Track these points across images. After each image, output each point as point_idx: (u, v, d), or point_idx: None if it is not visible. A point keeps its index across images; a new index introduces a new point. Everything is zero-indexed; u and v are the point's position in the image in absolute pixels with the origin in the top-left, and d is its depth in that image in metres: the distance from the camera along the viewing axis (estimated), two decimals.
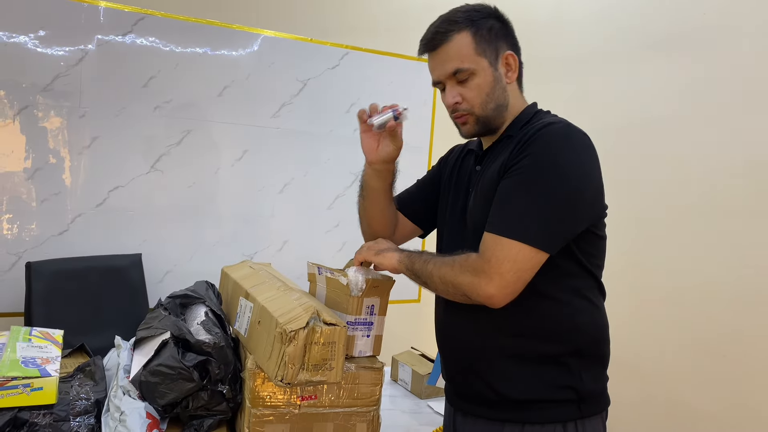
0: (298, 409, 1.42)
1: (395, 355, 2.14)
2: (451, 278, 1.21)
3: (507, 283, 1.13)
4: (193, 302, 1.64)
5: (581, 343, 1.22)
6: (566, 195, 1.14)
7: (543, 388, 1.21)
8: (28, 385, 1.33)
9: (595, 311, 1.26)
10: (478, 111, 1.29)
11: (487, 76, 1.27)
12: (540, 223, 1.13)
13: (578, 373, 1.21)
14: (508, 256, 1.13)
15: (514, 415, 1.23)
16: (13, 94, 2.40)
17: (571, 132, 1.19)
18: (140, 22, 2.58)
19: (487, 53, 1.27)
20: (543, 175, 1.14)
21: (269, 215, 2.92)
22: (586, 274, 1.23)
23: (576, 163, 1.16)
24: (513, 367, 1.23)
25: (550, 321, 1.21)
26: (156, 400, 1.40)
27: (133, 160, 2.62)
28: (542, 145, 1.16)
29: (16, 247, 2.46)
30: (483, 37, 1.27)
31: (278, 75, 2.87)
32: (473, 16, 1.28)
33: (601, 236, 1.25)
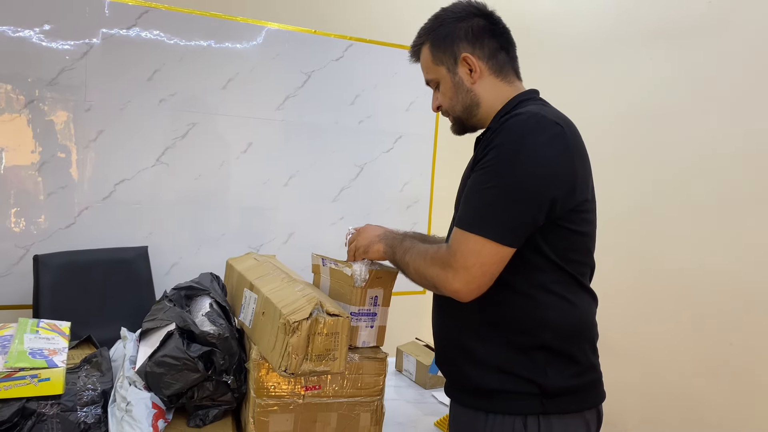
0: (302, 399, 1.43)
1: (400, 345, 2.15)
2: (422, 270, 1.23)
3: (472, 278, 1.14)
4: (198, 294, 1.65)
5: (547, 338, 1.20)
6: (526, 188, 1.12)
7: (506, 378, 1.21)
8: (36, 376, 1.34)
9: (567, 307, 1.21)
10: (452, 112, 1.36)
11: (447, 82, 1.32)
12: (501, 218, 1.13)
13: (543, 368, 1.19)
14: (473, 251, 1.14)
15: (481, 403, 1.25)
16: (19, 88, 2.42)
17: (536, 122, 1.15)
18: (144, 15, 2.59)
19: (444, 60, 1.32)
20: (503, 168, 1.14)
21: (274, 208, 2.93)
22: (556, 269, 1.20)
23: (538, 154, 1.13)
24: (481, 356, 1.24)
25: (517, 313, 1.21)
26: (161, 391, 1.41)
27: (138, 153, 2.64)
28: (503, 138, 1.15)
29: (24, 240, 2.48)
30: (438, 46, 1.32)
31: (282, 67, 2.87)
32: (434, 26, 1.34)
33: (577, 231, 1.20)
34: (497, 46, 1.31)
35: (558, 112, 1.24)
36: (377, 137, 3.14)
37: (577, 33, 2.72)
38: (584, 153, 1.23)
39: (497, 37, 1.31)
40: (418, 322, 2.97)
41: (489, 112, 1.31)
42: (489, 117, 1.32)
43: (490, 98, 1.31)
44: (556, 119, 1.18)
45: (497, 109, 1.30)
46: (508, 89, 1.32)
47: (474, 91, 1.31)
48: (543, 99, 1.32)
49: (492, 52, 1.30)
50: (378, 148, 3.15)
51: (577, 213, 1.19)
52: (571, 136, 1.18)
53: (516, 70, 1.35)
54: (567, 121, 1.21)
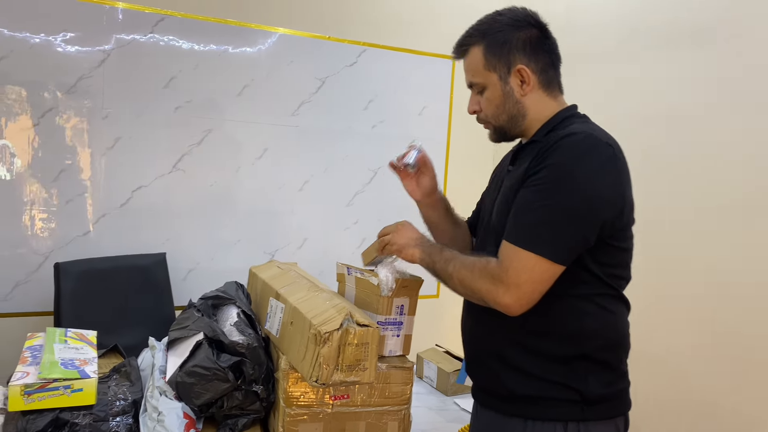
0: (331, 408, 1.44)
1: (420, 352, 2.16)
2: (469, 283, 1.23)
3: (523, 294, 1.16)
4: (225, 303, 1.67)
5: (589, 347, 1.22)
6: (580, 209, 1.15)
7: (547, 385, 1.22)
8: (69, 387, 1.36)
9: (609, 318, 1.25)
10: (492, 121, 1.34)
11: (496, 90, 1.30)
12: (555, 237, 1.15)
13: (584, 375, 1.22)
14: (526, 268, 1.15)
15: (518, 409, 1.26)
16: (38, 95, 2.44)
17: (592, 143, 1.17)
18: (160, 23, 2.60)
19: (498, 68, 1.29)
20: (559, 187, 1.15)
21: (289, 213, 2.94)
22: (599, 282, 1.22)
23: (593, 175, 1.16)
24: (521, 363, 1.25)
25: (560, 323, 1.22)
26: (192, 401, 1.43)
27: (155, 160, 2.65)
28: (560, 157, 1.17)
29: (42, 247, 2.50)
30: (494, 52, 1.29)
31: (297, 73, 2.89)
32: (491, 29, 1.30)
33: (622, 248, 1.24)
34: (549, 61, 1.32)
35: (604, 131, 1.25)
36: (390, 142, 3.15)
37: (591, 35, 2.73)
38: (629, 172, 1.24)
39: (549, 52, 1.32)
40: (434, 327, 2.98)
41: (532, 124, 1.32)
42: (530, 129, 1.32)
43: (536, 111, 1.31)
44: (608, 141, 1.20)
45: (540, 121, 1.31)
46: (552, 104, 1.33)
47: (522, 103, 1.30)
48: (585, 115, 1.33)
49: (544, 66, 1.31)
50: (391, 152, 3.10)
51: (623, 231, 1.23)
52: (620, 156, 1.21)
53: (560, 83, 1.36)
54: (615, 141, 1.23)
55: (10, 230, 2.44)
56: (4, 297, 2.44)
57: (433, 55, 3.21)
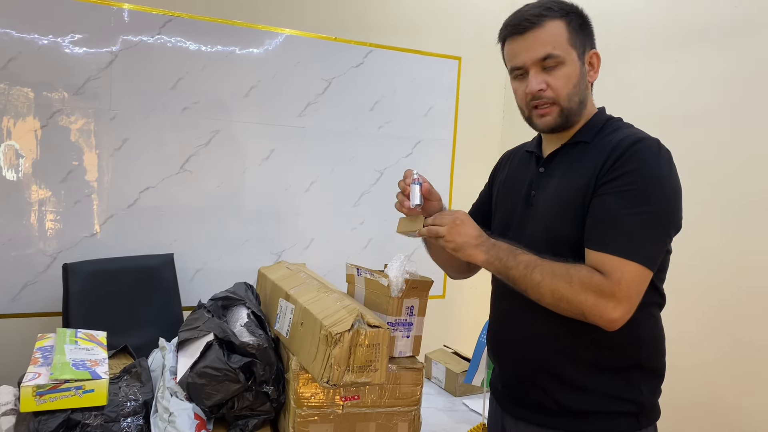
0: (341, 409, 1.44)
1: (428, 353, 2.16)
2: (568, 295, 1.12)
3: (632, 307, 1.12)
4: (234, 304, 1.67)
5: (642, 356, 1.22)
6: (669, 215, 1.16)
7: (604, 399, 1.20)
8: (80, 388, 1.36)
9: (655, 324, 1.26)
10: (563, 102, 1.23)
11: (575, 68, 1.23)
12: (654, 245, 1.15)
13: (638, 385, 1.21)
14: (637, 280, 1.12)
15: (571, 425, 1.22)
16: (46, 97, 2.44)
17: (663, 149, 1.18)
18: (168, 24, 2.61)
19: (578, 46, 1.24)
20: (649, 194, 1.14)
21: (296, 214, 2.95)
22: (652, 288, 1.19)
23: (674, 181, 1.17)
24: (574, 378, 1.21)
25: (613, 335, 1.16)
26: (203, 401, 1.43)
27: (162, 161, 2.65)
28: (641, 162, 1.15)
29: (50, 248, 2.50)
30: (575, 29, 1.24)
31: (303, 74, 2.89)
32: (567, 8, 1.25)
33: (669, 251, 1.24)
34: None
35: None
36: (396, 142, 3.15)
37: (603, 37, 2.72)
38: None
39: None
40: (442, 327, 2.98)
41: (583, 117, 1.28)
42: (578, 123, 1.28)
43: (588, 104, 1.29)
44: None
45: (586, 118, 1.28)
46: (593, 102, 1.32)
47: (589, 89, 1.29)
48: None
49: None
50: (397, 153, 3.16)
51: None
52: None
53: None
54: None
55: (19, 231, 2.45)
56: (13, 298, 2.45)
57: (439, 56, 3.21)
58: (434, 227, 1.27)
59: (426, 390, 2.02)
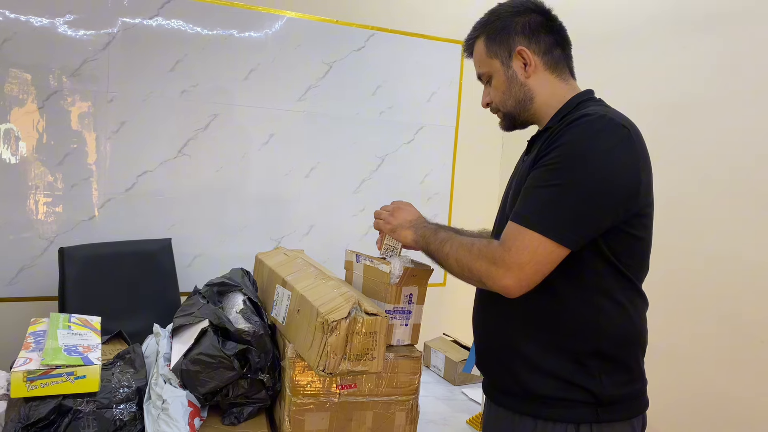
0: (338, 398, 1.42)
1: (427, 341, 2.13)
2: (467, 262, 1.19)
3: (525, 275, 1.11)
4: (230, 290, 1.64)
5: (603, 345, 1.17)
6: (590, 189, 1.10)
7: (561, 385, 1.18)
8: (72, 374, 1.34)
9: (624, 313, 1.19)
10: (502, 108, 1.33)
11: (500, 76, 1.31)
12: (562, 217, 1.10)
13: (598, 376, 1.17)
14: (529, 248, 1.11)
15: (530, 408, 1.22)
16: (42, 79, 2.41)
17: (606, 124, 1.13)
18: (166, 5, 2.56)
19: (499, 53, 1.30)
20: (569, 168, 1.11)
21: (296, 199, 2.92)
22: (616, 274, 1.17)
23: (605, 157, 1.11)
24: (535, 361, 1.21)
25: (573, 319, 1.18)
26: (197, 389, 1.40)
27: (160, 145, 2.62)
28: (571, 137, 1.13)
29: (47, 231, 2.48)
30: (493, 39, 1.30)
31: (304, 58, 2.84)
32: (489, 19, 1.33)
33: (637, 236, 1.18)
34: (553, 42, 1.29)
35: (621, 114, 1.21)
36: (398, 128, 3.11)
37: (609, 22, 2.67)
38: (648, 156, 1.19)
39: (553, 33, 1.30)
40: (441, 315, 2.96)
41: (542, 108, 1.29)
42: (543, 114, 1.30)
43: (544, 94, 1.29)
44: (623, 122, 1.15)
45: (553, 106, 1.28)
46: (563, 87, 1.30)
47: (527, 85, 1.29)
48: (601, 99, 1.29)
49: (548, 47, 1.29)
50: (399, 139, 3.12)
51: (639, 218, 1.17)
52: (636, 139, 1.16)
53: (571, 68, 1.33)
54: (632, 123, 1.19)
55: (15, 214, 2.42)
56: (9, 281, 2.43)
57: (442, 40, 3.16)
58: (377, 212, 1.47)
59: (425, 378, 2.00)
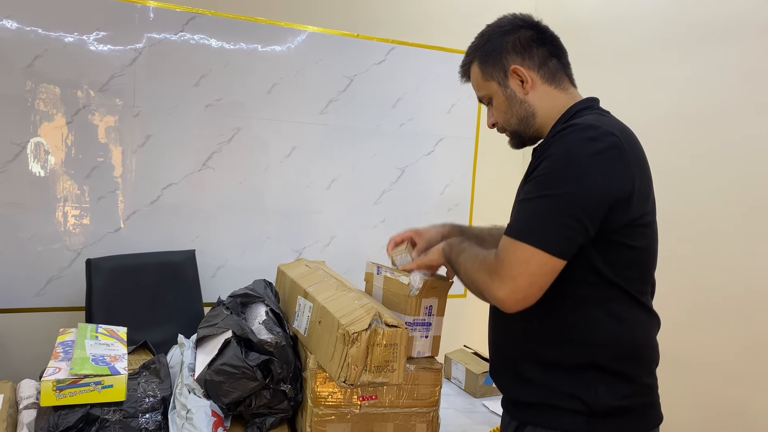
0: (359, 409, 1.43)
1: (448, 353, 2.13)
2: (471, 274, 1.22)
3: (518, 288, 1.11)
4: (253, 301, 1.66)
5: (598, 356, 1.16)
6: (578, 199, 1.09)
7: (553, 394, 1.18)
8: (99, 383, 1.37)
9: (619, 326, 1.17)
10: (507, 127, 1.34)
11: (499, 97, 1.31)
12: (552, 228, 1.10)
13: (594, 385, 1.16)
14: (521, 260, 1.11)
15: (524, 415, 1.24)
16: (71, 94, 2.47)
17: (591, 132, 1.12)
18: (191, 21, 2.62)
19: (494, 75, 1.30)
20: (556, 178, 1.11)
21: (317, 211, 2.94)
22: (612, 286, 1.16)
23: (591, 164, 1.10)
24: (530, 371, 1.22)
25: (568, 329, 1.18)
26: (220, 399, 1.43)
27: (185, 158, 2.67)
28: (557, 147, 1.13)
29: (75, 243, 2.53)
30: (487, 62, 1.31)
31: (325, 71, 2.88)
32: (479, 43, 1.34)
33: (634, 246, 1.16)
34: (546, 54, 1.29)
35: (617, 121, 1.20)
36: (418, 140, 3.13)
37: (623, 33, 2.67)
38: (644, 164, 1.18)
39: (546, 45, 1.29)
40: (462, 327, 2.96)
41: (546, 121, 1.29)
42: (547, 127, 1.29)
43: (546, 107, 1.28)
44: (613, 129, 1.13)
45: (554, 118, 1.28)
46: (563, 97, 1.29)
47: (528, 101, 1.28)
48: (602, 108, 1.28)
49: (542, 60, 1.28)
50: (419, 150, 3.14)
51: (633, 228, 1.15)
52: (628, 147, 1.13)
53: (570, 76, 1.33)
54: (626, 131, 1.17)
55: (44, 226, 2.48)
56: (38, 292, 2.49)
57: (462, 53, 3.14)
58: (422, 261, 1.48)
59: (445, 390, 2.00)
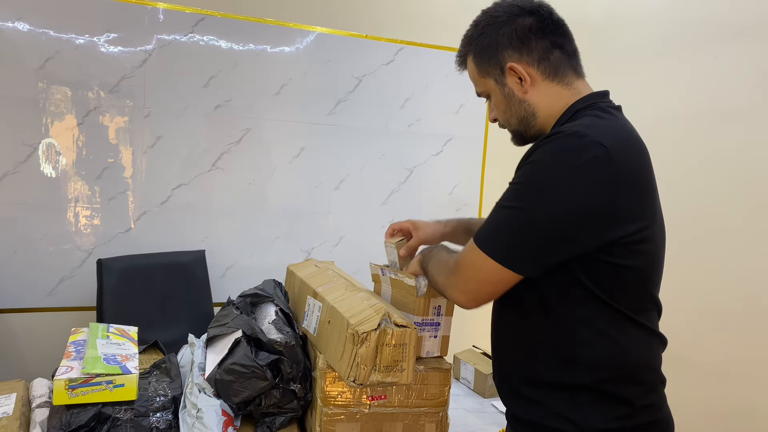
0: (368, 409, 1.44)
1: (457, 353, 2.13)
2: (434, 276, 1.25)
3: (468, 290, 1.12)
4: (263, 301, 1.67)
5: (588, 377, 1.09)
6: (546, 217, 1.02)
7: (546, 413, 1.12)
8: (111, 382, 1.38)
9: (610, 346, 1.08)
10: (507, 125, 1.25)
11: (497, 95, 1.21)
12: (510, 242, 1.06)
13: (584, 406, 1.09)
14: (473, 265, 1.10)
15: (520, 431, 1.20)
16: (82, 95, 2.49)
17: (575, 141, 1.01)
18: (200, 22, 2.63)
19: (490, 72, 1.20)
20: (526, 192, 1.04)
21: (326, 211, 2.95)
22: (602, 304, 1.07)
23: (568, 180, 1.00)
24: (524, 388, 1.17)
25: (557, 348, 1.11)
26: (230, 398, 1.43)
27: (195, 159, 2.68)
28: (537, 157, 1.04)
29: (86, 243, 2.55)
30: (482, 57, 1.20)
31: (334, 72, 2.89)
32: (473, 34, 1.22)
33: (624, 265, 1.05)
34: (548, 46, 1.15)
35: (617, 124, 1.09)
36: (427, 140, 3.13)
37: (637, 31, 2.66)
38: (639, 176, 1.05)
39: (548, 34, 1.15)
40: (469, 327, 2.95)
41: (548, 120, 1.18)
42: (549, 126, 1.18)
43: (547, 104, 1.17)
44: (602, 138, 1.01)
45: (556, 116, 1.17)
46: (566, 94, 1.16)
47: (527, 101, 1.17)
48: (605, 107, 1.14)
49: (542, 53, 1.15)
50: (427, 151, 3.14)
51: (622, 246, 1.04)
52: (619, 158, 1.01)
53: (575, 66, 1.19)
54: (623, 137, 1.07)
55: (56, 227, 2.50)
56: (50, 292, 2.51)
57: None
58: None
59: (454, 391, 2.00)
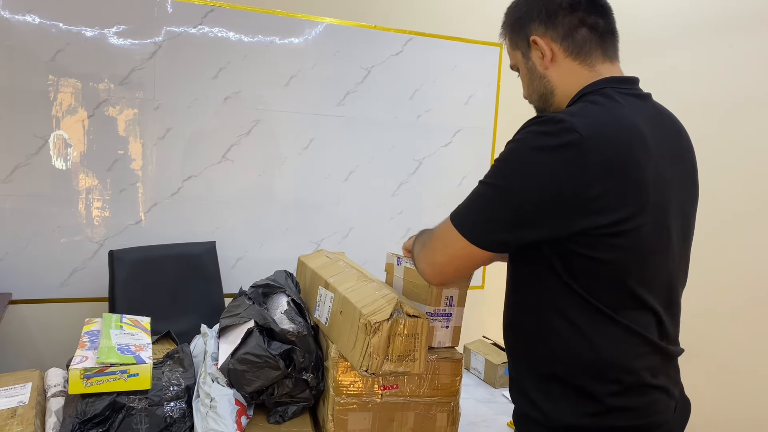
0: (380, 398, 1.44)
1: (467, 343, 2.14)
2: (415, 248, 1.25)
3: (435, 263, 1.14)
4: (275, 291, 1.68)
5: (558, 367, 1.07)
6: (512, 196, 1.01)
7: (524, 401, 1.14)
8: (125, 372, 1.39)
9: (582, 339, 1.04)
10: (531, 102, 1.23)
11: (523, 68, 1.21)
12: (478, 218, 1.07)
13: (556, 398, 1.07)
14: (445, 239, 1.11)
15: (514, 419, 1.20)
16: (92, 87, 2.50)
17: (552, 127, 0.98)
18: (209, 14, 2.63)
19: (519, 44, 1.19)
20: (500, 169, 1.04)
21: (335, 202, 2.96)
22: (572, 295, 1.04)
23: (538, 162, 0.98)
24: (518, 377, 1.17)
25: (534, 335, 1.11)
26: (243, 387, 1.44)
27: (205, 150, 2.69)
28: (516, 137, 1.04)
29: (97, 235, 2.57)
30: (513, 29, 1.20)
31: (343, 63, 2.88)
32: (512, 5, 1.22)
33: (596, 258, 1.01)
34: (575, 23, 1.11)
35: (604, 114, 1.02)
36: (436, 131, 3.12)
37: (651, 21, 2.64)
38: (623, 166, 0.98)
39: (579, 11, 1.11)
40: (481, 318, 2.95)
41: (564, 99, 1.14)
42: (564, 104, 1.14)
43: (566, 85, 1.13)
44: (580, 125, 0.97)
45: (571, 95, 1.13)
46: (586, 75, 1.11)
47: (547, 77, 1.15)
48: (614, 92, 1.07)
49: (568, 30, 1.11)
50: (436, 142, 3.13)
51: (596, 237, 1.00)
52: (596, 146, 0.97)
53: (605, 48, 1.13)
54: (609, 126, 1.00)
55: (67, 218, 2.52)
56: (62, 283, 2.53)
57: (479, 43, 3.16)
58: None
59: (465, 381, 2.01)
